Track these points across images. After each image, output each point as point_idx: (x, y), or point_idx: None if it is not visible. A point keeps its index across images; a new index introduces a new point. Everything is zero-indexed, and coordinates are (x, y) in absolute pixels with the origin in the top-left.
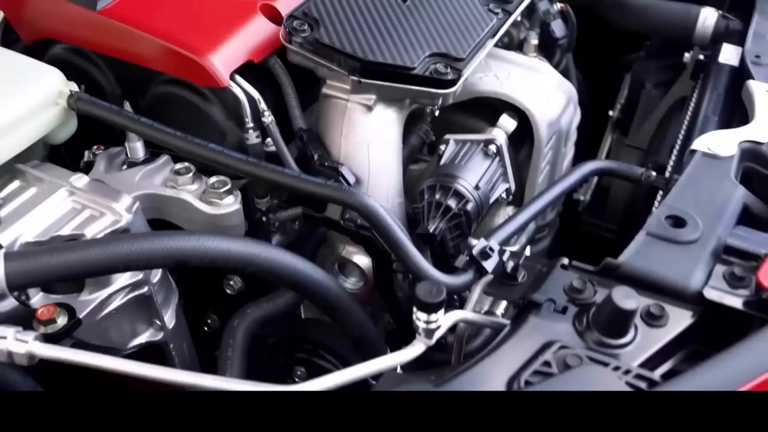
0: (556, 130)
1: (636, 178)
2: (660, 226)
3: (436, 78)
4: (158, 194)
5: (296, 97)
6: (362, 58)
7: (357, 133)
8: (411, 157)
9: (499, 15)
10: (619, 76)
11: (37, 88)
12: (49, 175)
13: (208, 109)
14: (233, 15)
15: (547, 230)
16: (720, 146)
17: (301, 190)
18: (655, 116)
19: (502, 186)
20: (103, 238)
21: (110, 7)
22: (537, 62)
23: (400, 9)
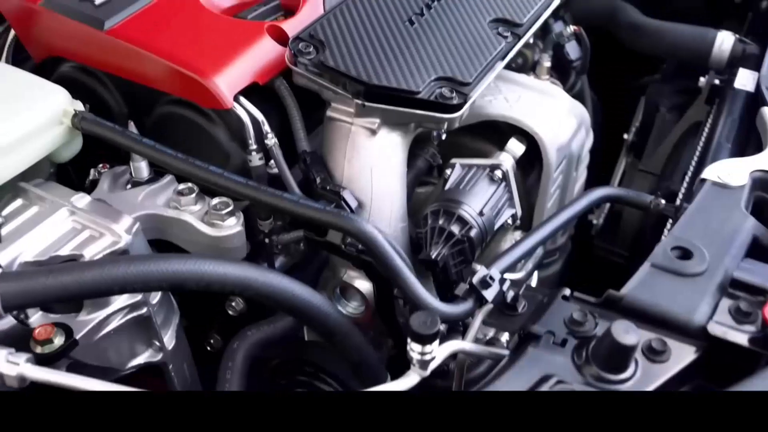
0: (567, 154)
1: (645, 205)
2: (665, 257)
3: (441, 102)
4: (160, 215)
5: (301, 119)
6: (366, 81)
7: (360, 157)
8: (417, 180)
9: (508, 39)
10: (636, 98)
11: (42, 107)
12: (51, 194)
13: (212, 130)
14: (239, 36)
15: (558, 254)
16: (731, 175)
17: (300, 215)
18: (669, 141)
19: (507, 212)
20: (99, 260)
21: (117, 27)
22: (548, 85)
23: (408, 32)
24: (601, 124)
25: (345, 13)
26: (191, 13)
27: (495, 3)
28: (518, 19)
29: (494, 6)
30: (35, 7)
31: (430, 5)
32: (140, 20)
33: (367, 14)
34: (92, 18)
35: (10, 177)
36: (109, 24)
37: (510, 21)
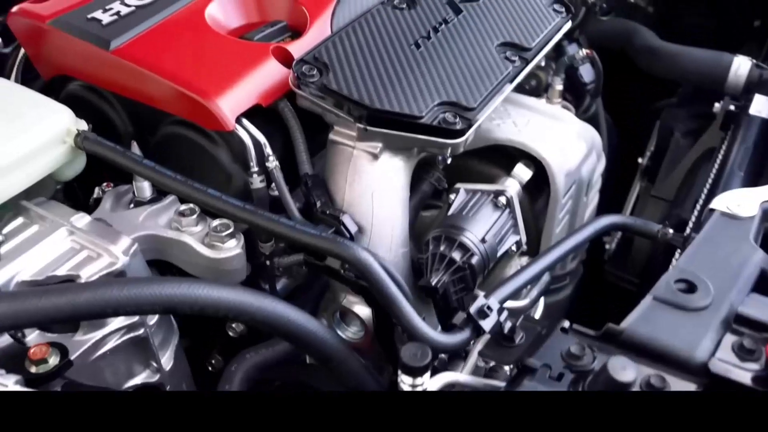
0: (576, 179)
1: (653, 235)
2: (668, 290)
3: (444, 128)
4: (160, 236)
5: (304, 141)
6: (369, 105)
7: (362, 181)
8: (422, 204)
9: (516, 63)
10: (652, 121)
11: (45, 126)
12: (52, 213)
13: (215, 151)
14: (244, 58)
15: (569, 279)
16: (740, 206)
17: (296, 241)
18: (682, 167)
19: (511, 238)
20: (93, 283)
21: (123, 47)
22: (558, 110)
23: (413, 55)
24: (616, 147)
25: (351, 35)
26: (197, 34)
27: (504, 27)
28: (526, 44)
29: (503, 30)
30: (44, 26)
31: (437, 28)
32: (146, 40)
33: (373, 37)
34: (98, 38)
35: (12, 195)
36: (115, 44)
37: (518, 45)
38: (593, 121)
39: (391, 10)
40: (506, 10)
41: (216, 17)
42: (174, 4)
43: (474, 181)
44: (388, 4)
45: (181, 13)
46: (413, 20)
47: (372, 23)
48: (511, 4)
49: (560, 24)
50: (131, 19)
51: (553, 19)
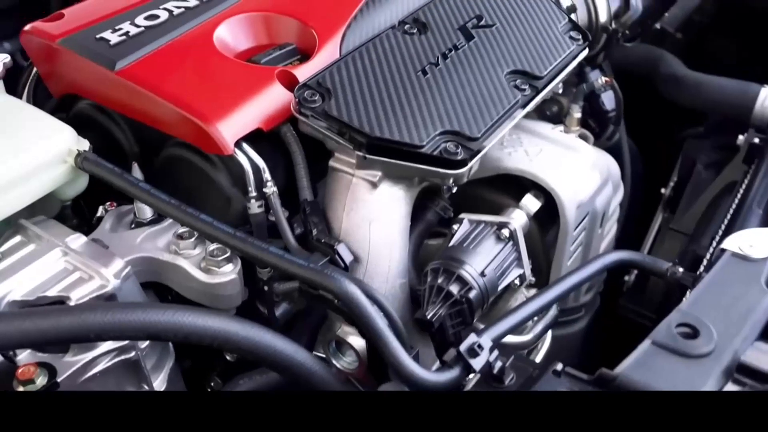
0: (590, 210)
1: (662, 273)
2: (669, 335)
3: (445, 158)
4: (155, 258)
5: (306, 167)
6: (368, 133)
7: (359, 210)
8: (426, 233)
9: (526, 92)
10: (679, 150)
11: (46, 145)
12: (48, 232)
13: (215, 175)
14: (248, 81)
15: (584, 311)
16: (753, 246)
17: (285, 270)
18: (703, 200)
19: (515, 272)
20: (78, 307)
21: (128, 68)
22: (572, 139)
23: (419, 82)
24: (640, 176)
25: (356, 60)
26: (203, 56)
27: (515, 54)
28: (537, 72)
29: (514, 57)
30: (53, 45)
31: (446, 55)
32: (152, 62)
33: (380, 62)
34: (104, 58)
35: (10, 213)
36: (121, 65)
37: (529, 73)
38: (616, 149)
39: (400, 35)
40: (519, 37)
41: (224, 39)
42: (183, 25)
43: (484, 210)
44: (399, 28)
45: (189, 35)
46: (422, 46)
47: (380, 48)
48: (525, 31)
49: (576, 52)
50: (139, 39)
51: (568, 47)
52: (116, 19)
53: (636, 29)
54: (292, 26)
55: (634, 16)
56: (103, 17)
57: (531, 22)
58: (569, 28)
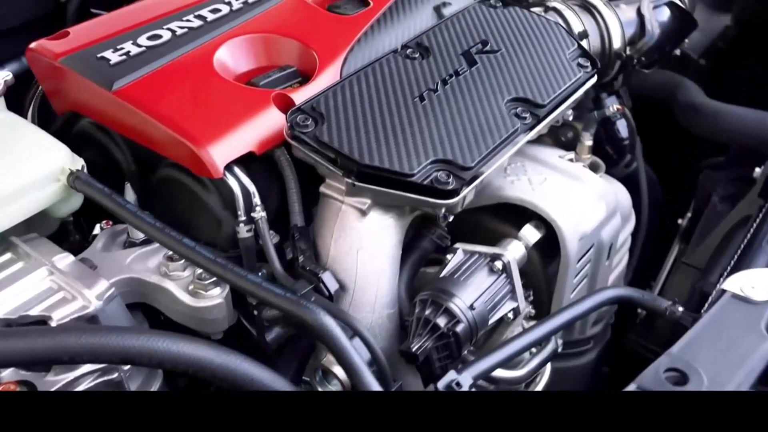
0: (596, 242)
1: (660, 312)
2: (656, 380)
3: (435, 187)
4: (143, 279)
5: (298, 192)
6: (358, 160)
7: (347, 237)
8: (422, 261)
9: (526, 120)
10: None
11: (39, 163)
12: (37, 251)
13: (206, 197)
14: (243, 104)
15: (593, 343)
16: (756, 288)
17: (262, 299)
18: (716, 234)
19: (508, 305)
20: (54, 328)
21: (125, 88)
22: (579, 169)
23: (415, 109)
24: (659, 205)
25: (353, 84)
26: (201, 77)
27: (518, 81)
28: (540, 100)
29: (516, 84)
30: (56, 64)
31: (446, 81)
32: (149, 82)
33: (377, 88)
34: (102, 77)
35: (1, 230)
36: (118, 84)
37: (531, 101)
38: (633, 177)
39: (401, 60)
40: (524, 63)
41: (224, 61)
42: (185, 46)
43: (486, 238)
44: (401, 53)
45: (189, 56)
46: (423, 71)
47: (379, 73)
48: (531, 57)
49: (583, 79)
50: (139, 59)
51: (575, 74)
52: (119, 38)
53: (653, 55)
54: (293, 48)
55: (649, 43)
56: (107, 36)
57: (538, 48)
58: (578, 55)
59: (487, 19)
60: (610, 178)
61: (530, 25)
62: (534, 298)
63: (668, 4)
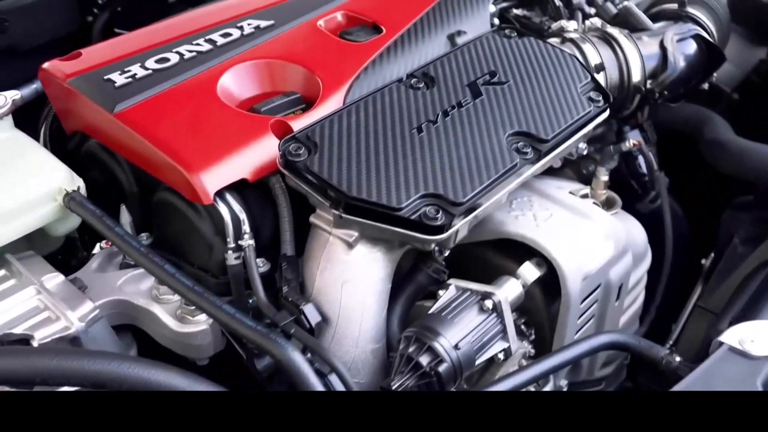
0: (602, 282)
1: (657, 361)
2: None
3: (423, 222)
4: (131, 302)
5: (290, 221)
6: (345, 192)
7: (333, 269)
8: (417, 295)
9: (528, 155)
10: None
11: (38, 183)
12: (29, 269)
13: (198, 223)
14: (240, 130)
15: (604, 384)
16: (755, 342)
17: (235, 331)
18: (735, 277)
19: (498, 345)
20: (27, 349)
21: (126, 111)
22: (587, 206)
23: (411, 141)
24: (685, 242)
25: (351, 114)
26: (201, 103)
27: (522, 114)
28: (543, 134)
29: (520, 117)
30: (64, 84)
31: (448, 112)
32: (150, 106)
33: (375, 118)
34: (106, 99)
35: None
36: (120, 107)
37: (533, 135)
38: (659, 212)
39: (404, 90)
40: (531, 96)
41: (228, 86)
42: (191, 70)
43: (488, 273)
44: (406, 82)
45: (194, 80)
46: (425, 102)
47: (379, 103)
48: (540, 90)
49: (593, 114)
50: (144, 82)
51: (584, 108)
52: (129, 60)
53: (677, 89)
54: (298, 74)
55: (672, 76)
56: (118, 58)
57: (548, 80)
58: (590, 88)
59: (498, 50)
60: (626, 215)
61: (543, 57)
62: (536, 336)
63: (694, 36)
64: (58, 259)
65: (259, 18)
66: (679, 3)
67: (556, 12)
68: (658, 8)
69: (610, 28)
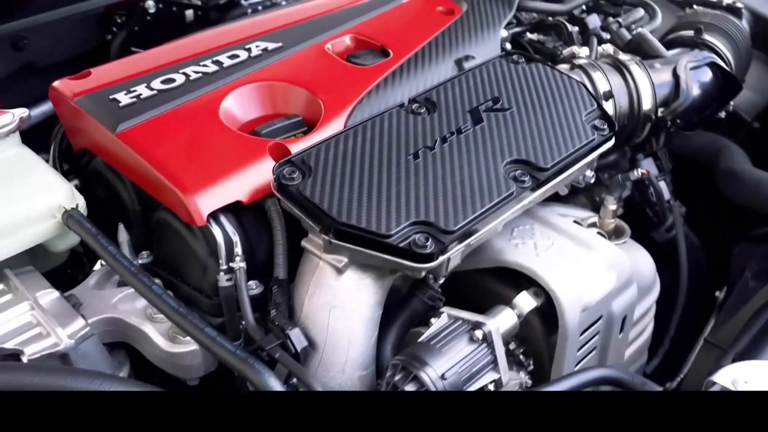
0: (604, 314)
1: None
2: None
3: (413, 250)
4: (123, 320)
5: (284, 244)
6: (335, 217)
7: (322, 295)
8: (412, 321)
9: (525, 183)
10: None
11: (37, 200)
12: (25, 285)
13: (193, 243)
14: (237, 153)
15: None
16: (749, 383)
17: (215, 354)
18: (744, 312)
19: (488, 376)
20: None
21: (128, 131)
22: (591, 236)
23: (406, 167)
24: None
25: (349, 138)
26: (202, 124)
27: (522, 142)
28: (542, 163)
29: (520, 145)
30: (71, 103)
31: (446, 138)
32: (152, 126)
33: (372, 143)
34: (109, 119)
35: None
36: (122, 127)
37: (532, 164)
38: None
39: (405, 115)
40: (533, 123)
41: (231, 108)
42: (195, 91)
43: (487, 301)
44: (407, 107)
45: (197, 102)
46: (424, 127)
47: (378, 127)
48: (542, 117)
49: (597, 142)
50: (148, 102)
51: (587, 136)
52: (135, 80)
53: (690, 118)
54: (300, 97)
55: (684, 104)
56: (125, 78)
57: (553, 107)
58: (596, 116)
59: (504, 75)
60: (635, 245)
61: (549, 83)
62: (535, 366)
63: (710, 64)
64: (66, 274)
65: (267, 40)
66: (696, 30)
67: (568, 38)
68: (675, 35)
69: (621, 54)
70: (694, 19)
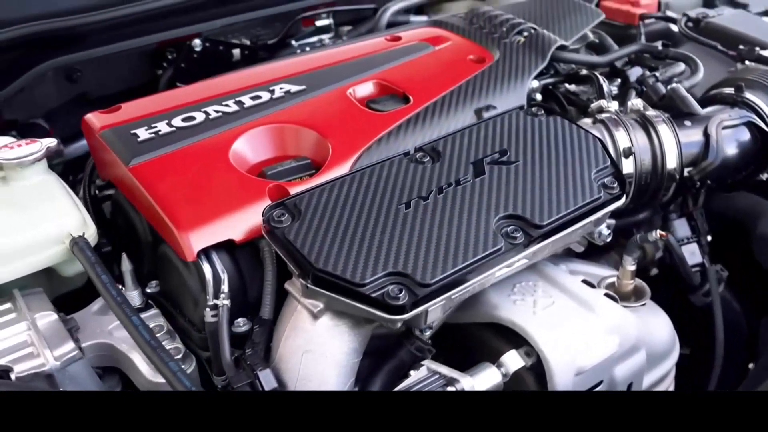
0: (604, 379)
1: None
2: None
3: (385, 301)
4: (114, 346)
5: (274, 284)
6: (313, 263)
7: (296, 338)
8: (399, 371)
9: (516, 240)
10: None
11: (49, 226)
12: (28, 305)
13: (187, 277)
14: (237, 193)
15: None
16: None
17: (175, 389)
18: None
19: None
20: None
21: (139, 166)
22: (596, 297)
23: (394, 217)
24: (743, 340)
25: (345, 184)
26: (210, 163)
27: (521, 196)
28: (538, 220)
29: (517, 200)
30: (97, 136)
31: (443, 189)
32: (163, 162)
33: (368, 189)
34: (125, 153)
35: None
36: (135, 161)
37: (527, 220)
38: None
39: (406, 163)
40: (537, 178)
41: (241, 149)
42: (212, 130)
43: (484, 355)
44: (411, 156)
45: (210, 140)
46: (423, 177)
47: (376, 174)
48: (548, 172)
49: (603, 201)
50: (165, 139)
51: (592, 194)
52: (158, 117)
53: (723, 178)
54: (310, 139)
55: (714, 164)
56: (149, 114)
57: (562, 162)
58: (606, 174)
59: (518, 128)
60: (654, 309)
61: (564, 138)
62: None
63: (747, 124)
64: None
65: (292, 83)
66: (736, 87)
67: (599, 90)
68: (716, 92)
69: (650, 110)
70: (741, 75)
